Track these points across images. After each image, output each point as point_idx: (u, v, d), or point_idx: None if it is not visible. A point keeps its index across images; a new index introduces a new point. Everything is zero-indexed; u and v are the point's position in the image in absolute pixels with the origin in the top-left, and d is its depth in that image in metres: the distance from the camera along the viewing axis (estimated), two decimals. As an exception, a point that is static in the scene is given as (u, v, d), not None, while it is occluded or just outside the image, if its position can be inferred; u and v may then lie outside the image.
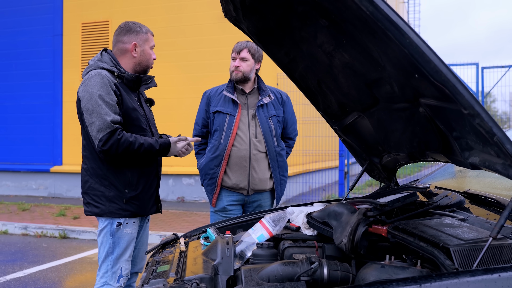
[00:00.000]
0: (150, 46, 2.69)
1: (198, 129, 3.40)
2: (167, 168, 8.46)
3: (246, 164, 3.22)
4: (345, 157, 9.07)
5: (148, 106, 2.83)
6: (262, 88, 3.35)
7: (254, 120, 3.27)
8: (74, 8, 10.44)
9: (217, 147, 3.24)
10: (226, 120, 3.23)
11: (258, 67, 3.35)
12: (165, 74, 8.94)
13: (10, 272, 4.93)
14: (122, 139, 2.43)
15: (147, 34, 2.67)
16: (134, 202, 2.57)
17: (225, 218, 3.23)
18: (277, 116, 3.35)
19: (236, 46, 3.30)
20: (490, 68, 10.28)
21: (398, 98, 1.76)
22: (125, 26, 2.66)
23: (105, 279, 2.53)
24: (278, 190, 3.38)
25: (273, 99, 3.35)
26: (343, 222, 1.75)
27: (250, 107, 3.29)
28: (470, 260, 1.30)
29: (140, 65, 2.68)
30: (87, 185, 2.58)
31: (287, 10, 1.84)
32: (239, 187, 3.24)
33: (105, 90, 2.45)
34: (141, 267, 2.78)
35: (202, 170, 3.33)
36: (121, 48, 2.65)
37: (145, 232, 2.78)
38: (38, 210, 8.48)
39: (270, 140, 3.29)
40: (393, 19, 1.30)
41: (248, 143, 3.23)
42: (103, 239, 2.55)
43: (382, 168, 2.38)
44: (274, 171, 3.32)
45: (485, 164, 1.46)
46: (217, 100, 3.30)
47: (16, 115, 10.81)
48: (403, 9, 23.59)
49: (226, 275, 1.59)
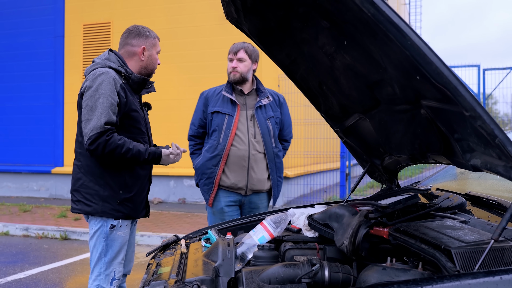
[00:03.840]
0: (157, 51, 2.73)
1: (195, 129, 3.39)
2: (168, 169, 8.46)
3: (245, 164, 3.22)
4: (346, 159, 9.07)
5: (145, 110, 2.84)
6: (261, 89, 3.36)
7: (252, 120, 3.28)
8: (75, 10, 10.45)
9: (215, 146, 3.23)
10: (225, 120, 3.23)
11: (255, 68, 3.35)
12: (165, 75, 8.95)
13: (11, 273, 4.93)
14: (110, 141, 2.42)
15: (155, 39, 2.71)
16: (127, 204, 2.58)
17: (223, 220, 3.24)
18: (275, 118, 3.37)
19: (232, 47, 3.30)
20: (492, 70, 10.28)
21: (399, 100, 1.76)
22: (135, 30, 2.67)
23: (98, 281, 2.52)
24: (275, 191, 3.39)
25: (271, 101, 3.36)
26: (344, 224, 1.75)
27: (248, 107, 3.30)
28: (471, 263, 1.30)
29: (146, 69, 2.71)
30: (79, 183, 2.56)
31: (288, 11, 1.84)
32: (238, 186, 3.24)
33: (109, 89, 2.45)
34: (130, 269, 2.79)
35: (199, 170, 3.32)
36: (129, 51, 2.66)
37: (132, 235, 2.78)
38: (39, 211, 8.49)
39: (269, 141, 3.30)
40: (395, 21, 1.30)
41: (247, 143, 3.23)
42: (96, 242, 2.54)
43: (383, 170, 2.38)
44: (271, 172, 3.33)
45: (487, 166, 1.46)
46: (215, 100, 3.30)
47: (17, 116, 10.83)
48: (405, 11, 23.59)
49: (227, 277, 1.59)
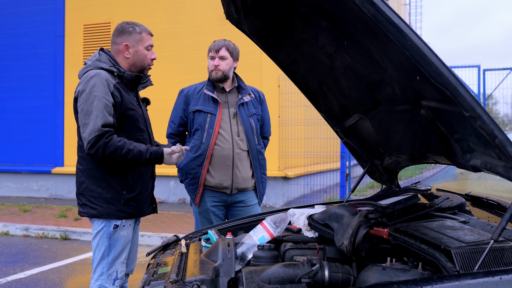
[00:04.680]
0: (145, 46, 2.63)
1: (175, 128, 3.34)
2: (168, 169, 8.45)
3: (229, 163, 3.19)
4: (347, 159, 9.06)
5: (144, 105, 2.81)
6: (242, 87, 3.33)
7: (235, 118, 3.25)
8: (75, 10, 10.45)
9: (198, 146, 3.19)
10: (208, 119, 3.19)
11: (236, 66, 3.32)
12: (165, 75, 8.95)
13: (11, 273, 4.93)
14: (109, 143, 2.40)
15: (141, 34, 2.61)
16: (132, 203, 2.57)
17: (208, 220, 3.23)
18: (256, 115, 3.34)
19: (213, 45, 3.26)
20: (492, 71, 10.28)
21: (399, 100, 1.76)
22: (119, 27, 2.64)
23: (101, 281, 2.51)
24: (260, 188, 3.35)
25: (253, 98, 3.34)
26: (344, 224, 1.75)
27: (230, 105, 3.27)
28: (471, 263, 1.30)
29: (135, 66, 2.64)
30: (83, 186, 2.55)
31: (288, 12, 1.84)
32: (223, 186, 3.21)
33: (102, 91, 2.43)
34: (132, 269, 2.77)
35: (183, 170, 3.28)
36: (114, 49, 2.64)
37: (136, 234, 2.76)
38: (39, 211, 8.49)
39: (252, 139, 3.27)
40: (395, 21, 1.30)
41: (231, 142, 3.20)
42: (99, 241, 2.53)
43: (383, 170, 2.38)
44: (255, 169, 3.30)
45: (487, 166, 1.46)
46: (196, 99, 3.26)
47: (18, 117, 10.82)
48: (405, 11, 23.59)
49: (227, 277, 1.59)
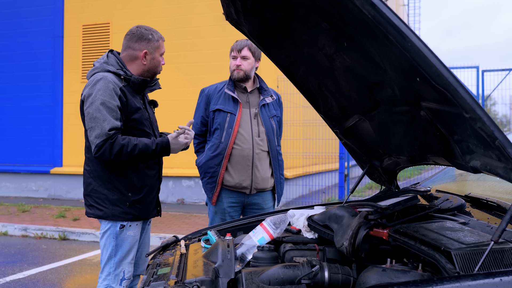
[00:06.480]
0: (161, 53, 2.66)
1: (198, 128, 3.35)
2: (167, 170, 8.44)
3: (249, 163, 3.20)
4: (345, 160, 9.07)
5: (152, 108, 2.82)
6: (264, 88, 3.34)
7: (256, 119, 3.26)
8: (75, 10, 10.44)
9: (217, 145, 3.20)
10: (227, 119, 3.19)
11: (258, 66, 3.33)
12: (165, 75, 8.87)
13: (9, 274, 4.92)
14: (115, 143, 2.40)
15: (158, 42, 2.63)
16: (137, 205, 2.56)
17: (223, 220, 3.23)
18: (277, 116, 3.37)
19: (236, 45, 3.27)
20: (491, 71, 10.30)
21: (399, 101, 1.76)
22: (137, 32, 2.61)
23: (108, 281, 2.52)
24: (278, 189, 3.37)
25: (274, 99, 3.36)
26: (344, 225, 1.75)
27: (251, 105, 3.28)
28: (471, 264, 1.30)
29: (149, 72, 2.66)
30: (90, 187, 2.56)
31: (288, 13, 1.84)
32: (242, 186, 3.21)
33: (108, 95, 2.43)
34: (143, 269, 2.76)
35: (201, 168, 3.29)
36: (131, 55, 2.61)
37: (147, 234, 2.76)
38: (38, 211, 8.48)
39: (272, 139, 3.29)
40: (395, 23, 1.30)
41: (251, 142, 3.21)
42: (106, 242, 2.54)
43: (382, 171, 2.38)
44: (275, 170, 3.32)
45: (486, 167, 1.46)
46: (217, 98, 3.26)
47: (16, 117, 10.81)
48: (403, 12, 23.61)
49: (227, 278, 1.58)
